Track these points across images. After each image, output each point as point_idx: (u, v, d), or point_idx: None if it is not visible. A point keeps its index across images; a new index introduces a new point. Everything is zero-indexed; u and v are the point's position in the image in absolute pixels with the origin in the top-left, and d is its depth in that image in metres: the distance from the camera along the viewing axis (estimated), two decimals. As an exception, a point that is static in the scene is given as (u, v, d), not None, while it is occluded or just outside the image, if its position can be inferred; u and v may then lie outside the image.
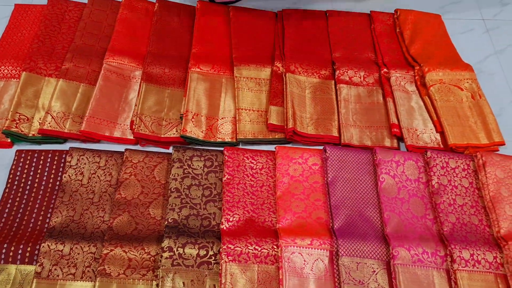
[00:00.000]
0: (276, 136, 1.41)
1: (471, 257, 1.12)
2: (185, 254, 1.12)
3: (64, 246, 1.14)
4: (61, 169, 1.30)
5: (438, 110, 1.42)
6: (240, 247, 1.12)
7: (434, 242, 1.15)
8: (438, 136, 1.41)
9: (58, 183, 1.28)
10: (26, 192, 1.26)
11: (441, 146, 1.39)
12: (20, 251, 1.13)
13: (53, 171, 1.30)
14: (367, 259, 1.13)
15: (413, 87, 1.51)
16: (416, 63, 1.54)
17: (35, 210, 1.23)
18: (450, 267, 1.11)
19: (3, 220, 1.21)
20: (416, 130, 1.41)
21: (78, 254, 1.14)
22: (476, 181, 1.27)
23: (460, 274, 1.10)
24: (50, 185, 1.28)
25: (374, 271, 1.11)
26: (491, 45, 1.71)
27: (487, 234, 1.18)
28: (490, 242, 1.16)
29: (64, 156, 1.32)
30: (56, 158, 1.32)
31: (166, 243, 1.12)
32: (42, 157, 1.32)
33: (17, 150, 1.33)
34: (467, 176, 1.27)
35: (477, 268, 1.11)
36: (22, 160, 1.31)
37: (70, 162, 1.29)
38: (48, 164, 1.31)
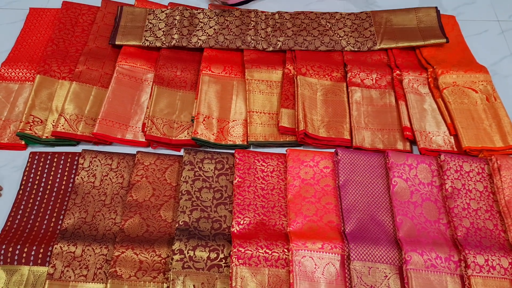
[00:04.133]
0: (287, 139, 1.41)
1: (486, 263, 1.10)
2: (195, 257, 1.12)
3: (76, 248, 1.15)
4: (73, 171, 1.31)
5: (452, 112, 1.40)
6: (250, 251, 1.12)
7: (448, 247, 1.13)
8: (451, 139, 1.39)
9: (70, 185, 1.29)
10: (40, 193, 1.28)
11: (455, 149, 1.37)
12: (33, 253, 1.14)
13: (66, 173, 1.31)
14: (379, 264, 1.11)
15: (426, 89, 1.49)
16: (430, 65, 1.52)
17: (48, 212, 1.25)
18: (464, 272, 1.09)
19: (16, 221, 1.23)
20: (429, 133, 1.39)
21: (90, 255, 1.14)
22: (491, 185, 1.25)
23: (475, 280, 1.08)
24: (63, 187, 1.29)
25: (386, 276, 1.10)
26: (506, 46, 1.68)
27: (502, 239, 1.16)
28: (505, 247, 1.14)
29: (76, 158, 1.34)
30: (69, 160, 1.33)
31: (176, 245, 1.13)
32: (55, 159, 1.33)
33: (30, 152, 1.34)
34: (481, 180, 1.25)
35: (492, 274, 1.09)
36: (35, 162, 1.33)
37: (82, 164, 1.31)
38: (61, 166, 1.32)
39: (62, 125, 1.37)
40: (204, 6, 1.73)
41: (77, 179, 1.28)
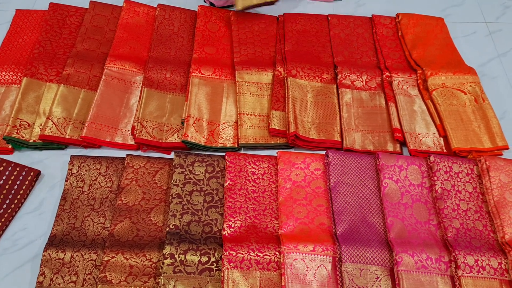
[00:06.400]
0: (278, 141, 1.41)
1: (476, 263, 1.11)
2: (186, 261, 1.11)
3: (64, 254, 1.13)
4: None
5: (441, 114, 1.41)
6: (242, 254, 1.12)
7: (438, 248, 1.14)
8: (441, 140, 1.40)
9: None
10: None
11: (444, 150, 1.38)
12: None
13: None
14: (370, 266, 1.12)
15: (416, 91, 1.50)
16: (419, 67, 1.53)
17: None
18: (455, 273, 1.10)
19: None
20: (418, 134, 1.40)
21: (79, 261, 1.13)
22: (480, 186, 1.26)
23: (465, 280, 1.08)
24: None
25: (378, 278, 1.10)
26: (494, 48, 1.70)
27: (492, 240, 1.17)
28: (494, 247, 1.15)
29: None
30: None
31: (167, 249, 1.12)
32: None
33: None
34: (471, 181, 1.26)
35: (482, 274, 1.10)
36: None
37: (71, 169, 1.29)
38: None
39: (50, 129, 1.35)
40: (193, 7, 1.72)
41: (66, 185, 1.27)
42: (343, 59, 1.58)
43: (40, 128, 1.37)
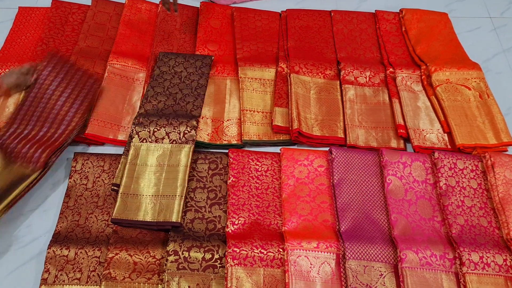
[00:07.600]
0: (281, 138, 1.40)
1: (481, 260, 1.10)
2: (190, 257, 1.11)
3: (69, 251, 1.14)
4: None
5: (445, 110, 1.40)
6: (245, 251, 1.12)
7: (443, 245, 1.13)
8: (445, 137, 1.39)
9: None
10: None
11: (449, 146, 1.37)
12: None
13: None
14: (374, 262, 1.11)
15: (420, 87, 1.49)
16: (423, 63, 1.52)
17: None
18: (459, 270, 1.10)
19: None
20: (422, 130, 1.39)
21: (83, 258, 1.13)
22: (485, 182, 1.25)
23: (470, 277, 1.08)
24: None
25: (382, 275, 1.10)
26: (499, 43, 1.69)
27: (497, 236, 1.17)
28: (499, 244, 1.14)
29: None
30: None
31: (171, 246, 1.12)
32: None
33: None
34: (475, 177, 1.26)
35: (487, 271, 1.09)
36: None
37: (75, 167, 1.29)
38: None
39: (53, 126, 1.35)
40: (196, 4, 1.71)
41: (69, 182, 1.27)
42: (346, 55, 1.57)
43: (43, 126, 1.37)
